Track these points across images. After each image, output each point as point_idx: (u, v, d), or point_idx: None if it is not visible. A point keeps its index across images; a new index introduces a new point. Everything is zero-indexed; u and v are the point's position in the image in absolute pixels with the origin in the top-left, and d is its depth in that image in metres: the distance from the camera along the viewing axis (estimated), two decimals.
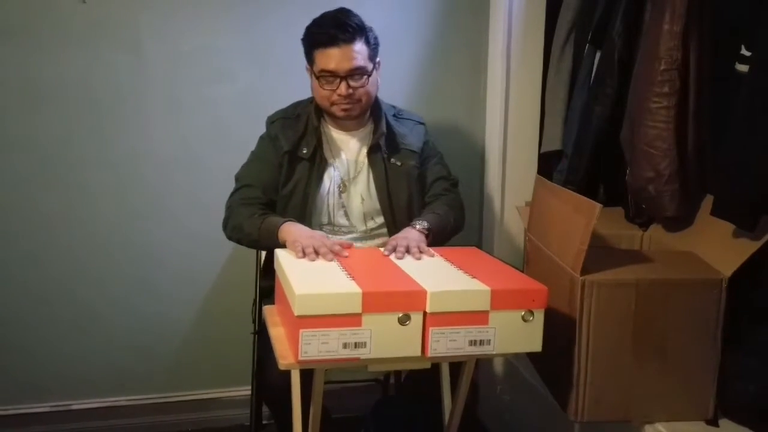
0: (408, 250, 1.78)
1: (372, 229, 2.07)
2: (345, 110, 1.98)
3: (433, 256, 1.78)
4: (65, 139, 2.39)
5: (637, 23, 1.93)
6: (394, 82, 2.56)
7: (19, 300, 2.45)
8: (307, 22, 1.99)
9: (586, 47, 2.22)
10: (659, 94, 1.80)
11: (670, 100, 1.79)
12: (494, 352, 1.51)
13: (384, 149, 2.05)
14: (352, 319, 1.43)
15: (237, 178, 2.08)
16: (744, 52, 1.72)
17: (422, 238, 1.88)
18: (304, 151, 2.01)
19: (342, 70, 1.92)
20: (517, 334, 1.51)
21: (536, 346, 1.54)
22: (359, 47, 1.93)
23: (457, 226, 2.09)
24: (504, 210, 2.59)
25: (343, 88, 1.94)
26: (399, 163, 2.06)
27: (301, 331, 1.41)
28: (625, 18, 1.95)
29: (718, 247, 1.74)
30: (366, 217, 2.06)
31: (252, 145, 2.12)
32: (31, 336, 2.47)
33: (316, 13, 2.40)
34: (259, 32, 2.45)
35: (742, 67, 1.71)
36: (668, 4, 1.77)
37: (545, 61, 2.45)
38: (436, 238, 1.95)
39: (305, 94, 2.10)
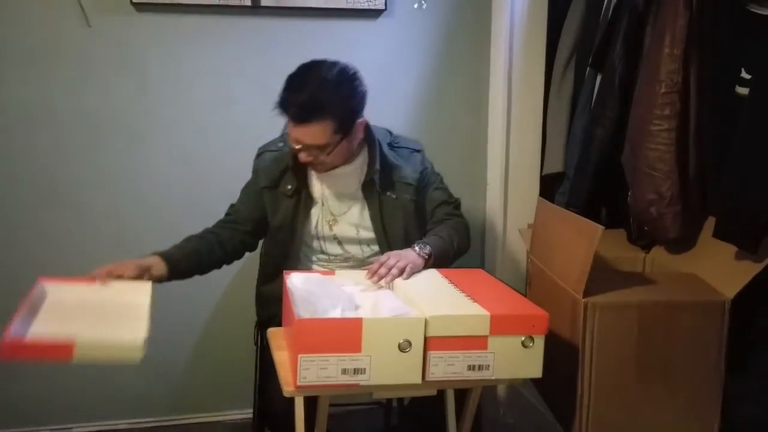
0: (390, 270, 1.76)
1: (369, 257, 2.05)
2: (314, 169, 1.97)
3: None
4: (67, 161, 2.41)
5: (638, 47, 1.93)
6: (397, 107, 2.59)
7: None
8: (310, 49, 2.00)
9: (587, 71, 2.23)
10: (660, 116, 1.80)
11: (671, 123, 1.80)
12: (493, 378, 1.50)
13: (378, 184, 2.00)
14: (352, 345, 1.42)
15: (230, 205, 2.14)
16: (744, 75, 1.72)
17: (419, 261, 1.85)
18: (288, 188, 2.00)
19: (302, 143, 1.86)
20: (517, 359, 1.50)
21: (536, 372, 1.53)
22: (318, 127, 1.82)
23: (461, 248, 2.05)
24: (506, 232, 2.59)
25: (303, 156, 1.89)
26: (394, 196, 2.02)
27: (299, 356, 1.41)
28: (626, 42, 1.96)
29: (720, 269, 1.74)
30: (362, 244, 2.04)
31: (251, 171, 2.13)
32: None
33: (317, 41, 2.44)
34: (261, 58, 2.47)
35: (743, 90, 1.71)
36: (668, 28, 1.78)
37: (546, 84, 2.46)
38: (439, 262, 1.93)
39: None
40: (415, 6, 2.53)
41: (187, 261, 1.95)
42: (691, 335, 1.66)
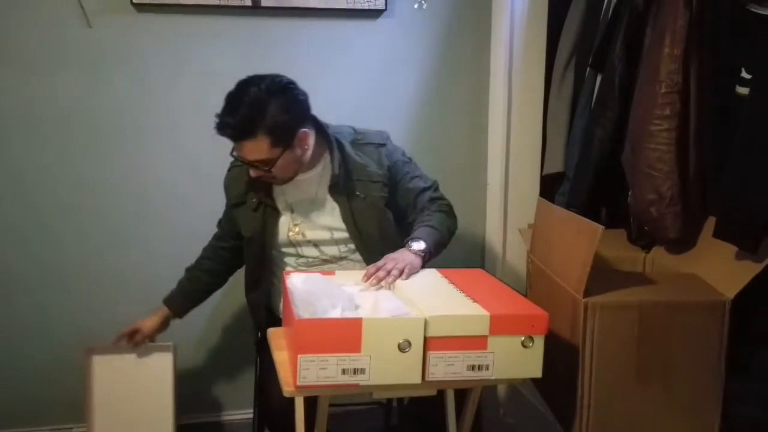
0: (389, 273, 1.77)
1: (346, 252, 2.05)
2: (271, 182, 1.98)
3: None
4: (68, 161, 2.41)
5: (638, 47, 1.93)
6: (397, 107, 2.58)
7: (22, 321, 2.46)
8: (310, 50, 2.00)
9: (587, 71, 2.23)
10: (660, 116, 1.80)
11: (671, 123, 1.79)
12: (493, 378, 1.51)
13: (343, 186, 1.99)
14: (351, 345, 1.43)
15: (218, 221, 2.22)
16: (744, 74, 1.72)
17: (417, 261, 1.85)
18: (253, 201, 2.01)
19: (246, 159, 1.89)
20: (517, 359, 1.50)
21: (536, 372, 1.53)
22: (253, 144, 1.84)
23: (452, 230, 2.06)
24: (507, 232, 2.59)
25: (252, 172, 1.91)
26: (363, 196, 2.00)
27: (299, 356, 1.41)
28: (626, 42, 1.96)
29: (720, 269, 1.73)
30: (339, 244, 2.04)
31: None
32: (33, 358, 2.47)
33: (317, 41, 2.44)
34: (261, 59, 2.46)
35: (743, 90, 1.71)
36: (668, 28, 1.78)
37: (546, 85, 2.46)
38: (436, 252, 1.94)
39: None
40: (416, 6, 2.53)
41: (191, 302, 2.23)
42: (692, 335, 1.65)
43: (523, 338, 1.50)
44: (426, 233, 1.93)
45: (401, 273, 1.79)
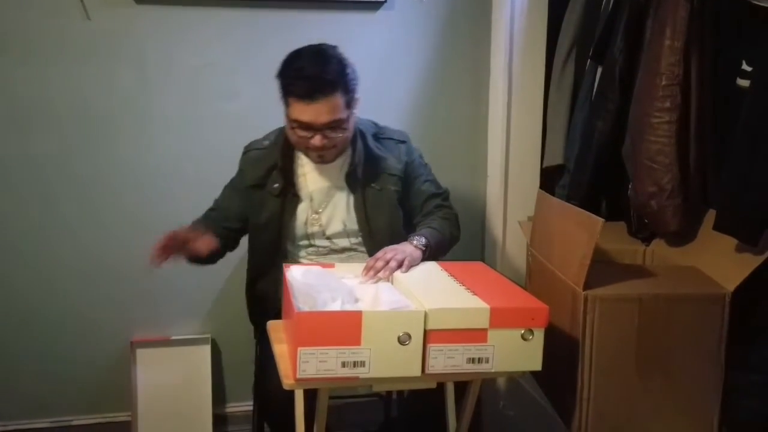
0: (387, 263, 1.77)
1: (354, 244, 2.06)
2: (320, 158, 1.96)
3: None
4: (67, 154, 2.41)
5: (638, 39, 1.92)
6: (397, 99, 2.58)
7: (20, 314, 2.46)
8: (309, 40, 1.99)
9: (588, 63, 2.22)
10: (661, 109, 1.80)
11: (672, 115, 1.79)
12: (493, 371, 1.50)
13: (361, 176, 2.01)
14: (351, 338, 1.42)
15: (214, 200, 2.13)
16: (745, 67, 1.72)
17: (417, 254, 1.86)
18: (275, 186, 2.00)
19: (317, 123, 1.86)
20: (517, 352, 1.50)
21: (536, 365, 1.53)
22: (337, 99, 1.85)
23: (453, 238, 2.08)
24: (506, 225, 2.58)
25: (318, 140, 1.88)
26: (378, 188, 2.03)
27: (299, 349, 1.41)
28: (626, 34, 1.95)
29: (721, 262, 1.73)
30: (350, 236, 2.05)
31: None
32: (32, 351, 2.48)
33: (316, 33, 2.42)
34: (261, 51, 2.46)
35: (743, 82, 1.71)
36: (669, 20, 1.78)
37: (547, 77, 2.45)
38: (435, 253, 1.94)
39: None
40: None
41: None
42: (692, 328, 1.65)
43: (523, 331, 1.50)
44: (428, 233, 1.95)
45: (400, 264, 1.79)
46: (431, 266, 1.84)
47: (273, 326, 1.76)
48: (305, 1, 2.46)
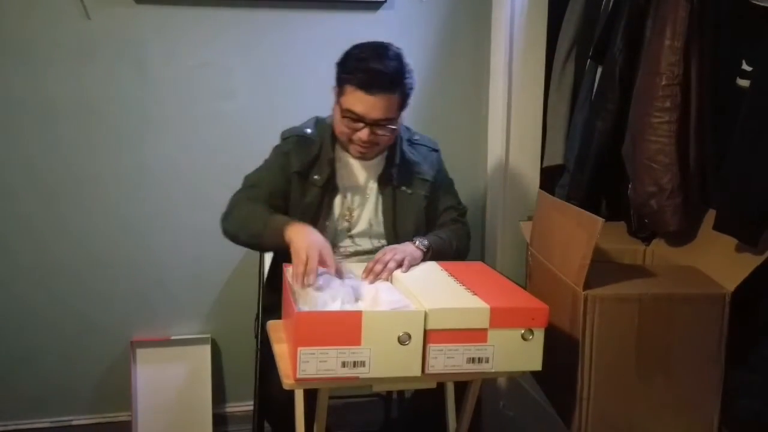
0: (386, 265, 1.77)
1: (376, 247, 2.03)
2: (361, 152, 1.93)
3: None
4: (67, 153, 2.40)
5: (638, 39, 1.92)
6: None
7: (21, 315, 2.46)
8: (309, 41, 1.98)
9: (588, 63, 2.23)
10: (661, 109, 1.80)
11: (672, 115, 1.79)
12: (493, 370, 1.51)
13: (395, 178, 2.01)
14: (351, 338, 1.42)
15: (247, 178, 2.03)
16: (745, 67, 1.72)
17: (417, 253, 1.86)
18: (316, 178, 1.97)
19: (369, 117, 1.85)
20: (517, 352, 1.50)
21: (536, 365, 1.53)
22: (393, 98, 1.86)
23: (460, 252, 2.05)
24: (506, 224, 2.58)
25: (365, 134, 1.87)
26: (409, 192, 2.02)
27: (299, 349, 1.41)
28: (626, 34, 1.95)
29: (721, 262, 1.73)
30: (372, 238, 2.04)
31: (253, 161, 2.12)
32: (32, 351, 2.48)
33: (316, 33, 2.43)
34: (260, 50, 2.46)
35: (743, 82, 1.71)
36: (669, 20, 1.77)
37: (547, 77, 2.45)
38: (436, 259, 1.93)
39: (306, 112, 2.10)
40: None
41: None
42: (692, 328, 1.65)
43: (523, 331, 1.50)
44: (433, 239, 1.95)
45: (400, 264, 1.79)
46: (431, 266, 1.84)
47: (273, 326, 1.76)
48: (305, 0, 2.45)
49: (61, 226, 2.43)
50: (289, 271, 1.75)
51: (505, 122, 2.53)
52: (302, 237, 1.73)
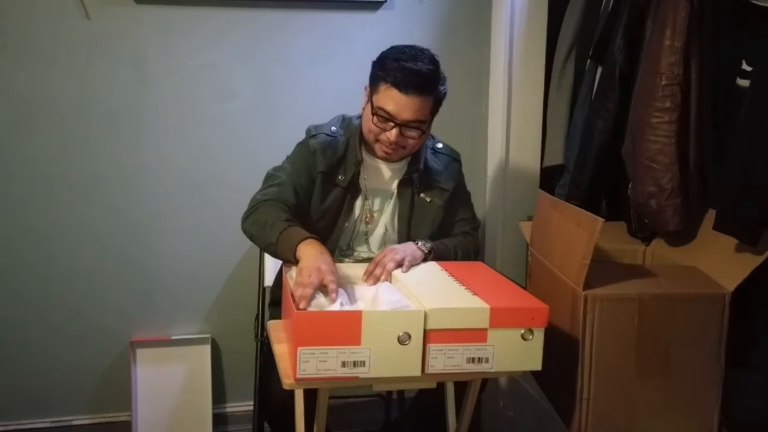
0: (385, 268, 1.77)
1: None
2: (387, 153, 1.91)
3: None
4: (67, 153, 2.40)
5: (638, 39, 1.93)
6: None
7: (21, 315, 2.46)
8: (309, 42, 1.98)
9: (588, 63, 2.23)
10: (661, 109, 1.80)
11: (672, 115, 1.79)
12: (493, 370, 1.51)
13: (416, 184, 2.00)
14: (351, 338, 1.42)
15: (270, 175, 1.98)
16: (745, 67, 1.72)
17: (418, 253, 1.86)
18: (341, 178, 1.95)
19: (400, 117, 1.83)
20: (517, 352, 1.50)
21: (536, 365, 1.53)
22: (426, 102, 1.85)
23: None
24: (506, 224, 2.58)
25: (393, 134, 1.85)
26: (428, 199, 2.00)
27: (299, 348, 1.41)
28: (626, 34, 1.96)
29: (721, 262, 1.74)
30: (386, 242, 2.03)
31: (253, 161, 2.12)
32: (32, 351, 2.48)
33: (316, 33, 2.43)
34: (261, 50, 2.46)
35: (743, 82, 1.71)
36: (669, 20, 1.78)
37: (547, 77, 2.45)
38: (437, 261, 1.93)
39: (308, 113, 2.10)
40: None
41: None
42: (691, 328, 1.66)
43: (523, 331, 1.50)
44: (437, 243, 1.94)
45: (399, 264, 1.79)
46: (431, 266, 1.84)
47: (273, 326, 1.76)
48: (305, 0, 2.45)
49: (61, 225, 2.43)
50: (289, 271, 1.75)
51: (505, 122, 2.53)
52: (311, 259, 1.67)
